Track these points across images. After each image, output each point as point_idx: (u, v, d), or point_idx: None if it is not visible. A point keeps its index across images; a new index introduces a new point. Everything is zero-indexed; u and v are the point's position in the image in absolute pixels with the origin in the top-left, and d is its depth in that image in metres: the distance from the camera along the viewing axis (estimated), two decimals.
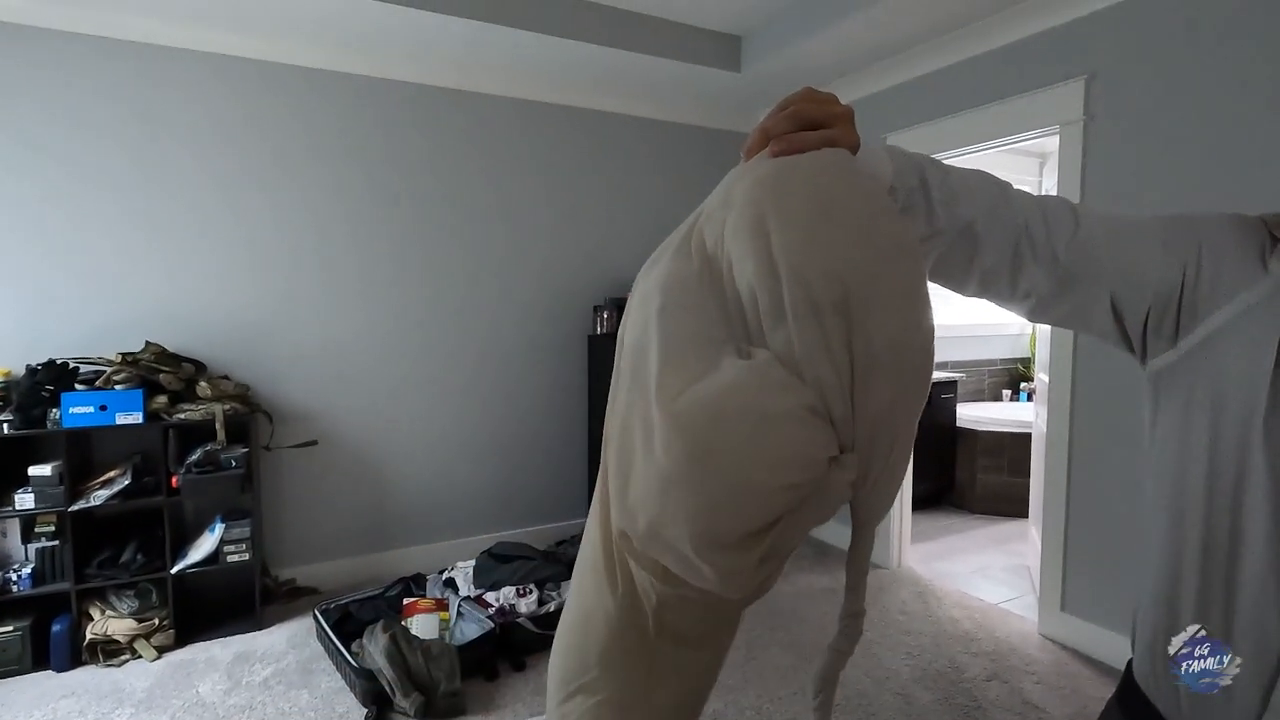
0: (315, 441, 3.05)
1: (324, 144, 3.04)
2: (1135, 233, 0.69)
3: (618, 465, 0.53)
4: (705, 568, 0.49)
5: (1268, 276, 0.61)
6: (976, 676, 2.43)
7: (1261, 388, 0.59)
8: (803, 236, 0.51)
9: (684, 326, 0.52)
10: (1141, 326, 0.67)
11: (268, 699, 2.29)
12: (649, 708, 0.60)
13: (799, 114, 0.59)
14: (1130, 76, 2.38)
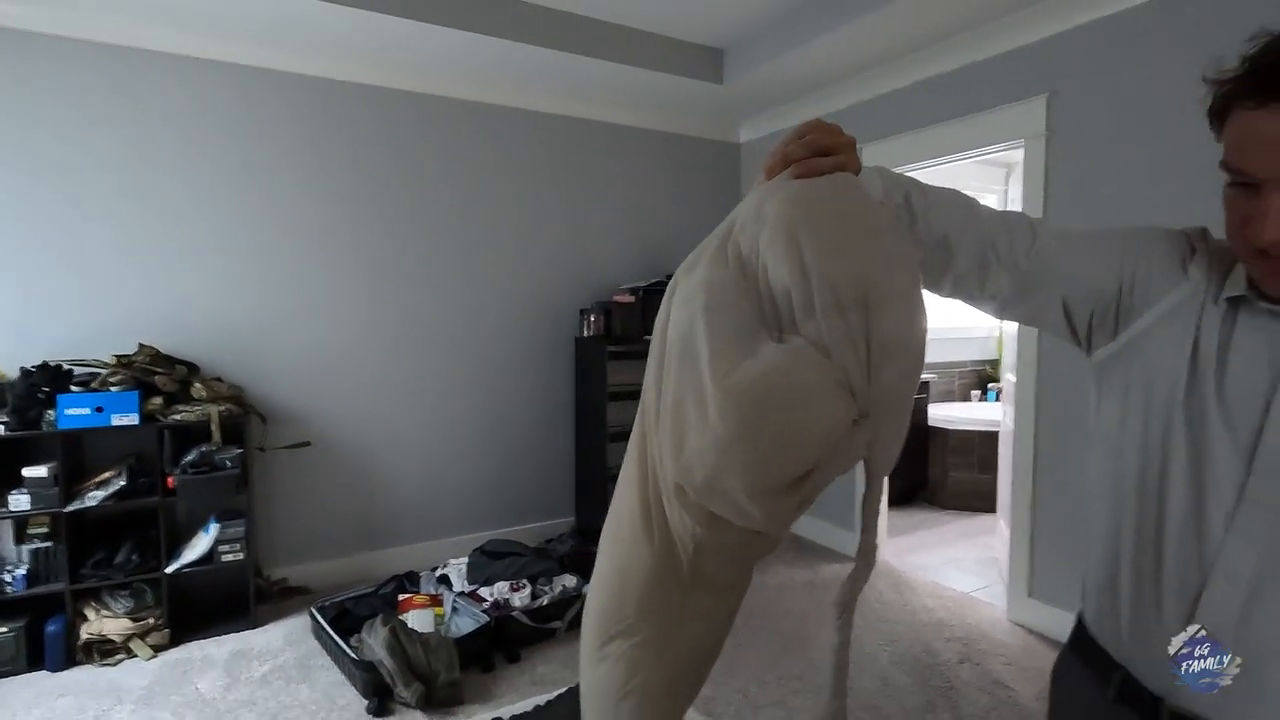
0: (308, 442, 3.10)
1: (319, 149, 3.10)
2: (1082, 244, 0.81)
3: (673, 434, 0.64)
4: (756, 511, 0.61)
5: (1188, 280, 0.74)
6: (950, 660, 2.57)
7: (1182, 374, 0.71)
8: (829, 247, 0.62)
9: (727, 320, 0.64)
10: (1087, 324, 0.80)
11: (268, 694, 2.34)
12: (680, 648, 0.71)
13: (813, 143, 0.70)
14: (1089, 94, 2.55)
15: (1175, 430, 0.71)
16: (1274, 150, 0.60)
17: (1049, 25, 2.64)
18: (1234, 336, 0.70)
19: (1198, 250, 0.75)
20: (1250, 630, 0.65)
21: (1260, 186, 0.62)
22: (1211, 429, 0.68)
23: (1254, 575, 0.65)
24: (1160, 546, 0.71)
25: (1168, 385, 0.72)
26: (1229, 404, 0.68)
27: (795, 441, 0.60)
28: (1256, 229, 0.62)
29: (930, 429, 4.63)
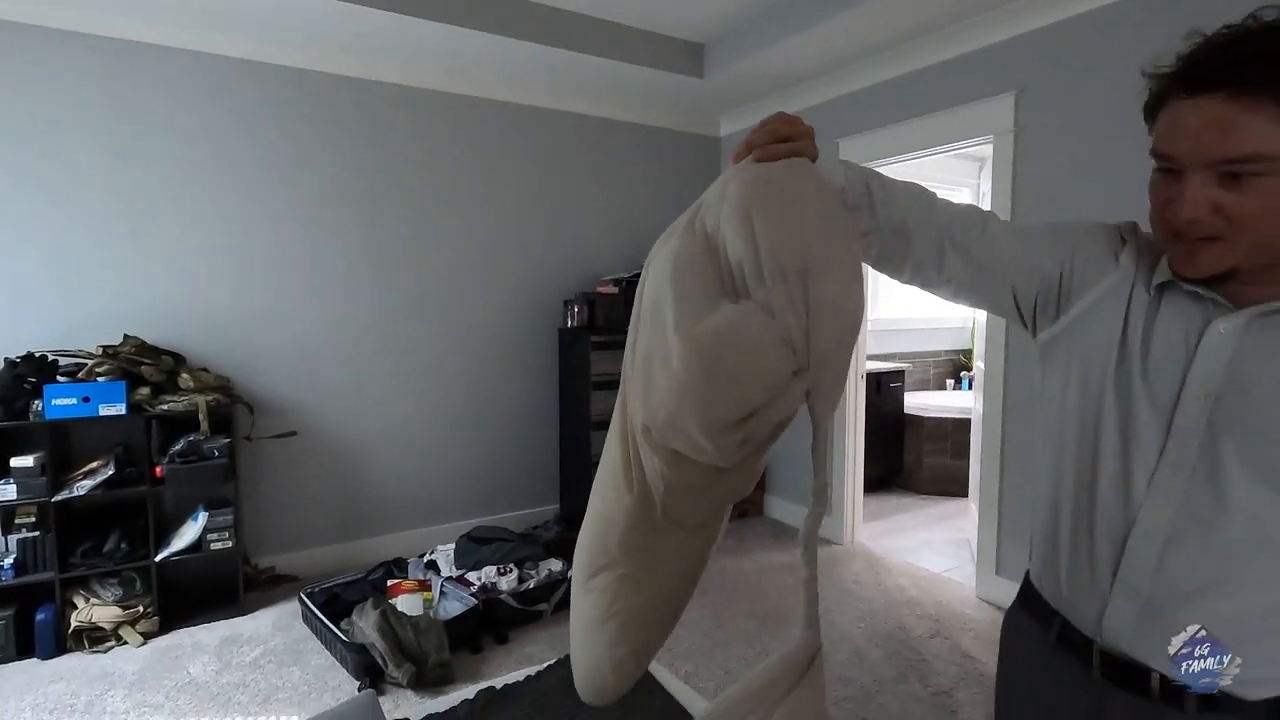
0: (295, 432, 3.13)
1: (303, 141, 3.11)
2: (1029, 236, 0.89)
3: (642, 382, 0.74)
4: (708, 445, 0.70)
5: (1118, 268, 0.82)
6: (921, 635, 2.68)
7: (1113, 352, 0.80)
8: (776, 224, 0.71)
9: (692, 284, 0.73)
10: (1032, 308, 0.88)
11: (260, 676, 2.38)
12: (656, 579, 0.81)
13: (775, 131, 0.78)
14: (1054, 92, 2.65)
15: (1106, 402, 0.79)
16: (1196, 137, 0.67)
17: (1017, 25, 2.73)
18: (1157, 318, 0.78)
19: (1128, 241, 0.84)
20: (1163, 576, 0.73)
21: (1182, 172, 0.69)
22: (1137, 400, 0.77)
23: (1169, 529, 0.73)
24: (1093, 505, 0.80)
25: (1100, 362, 0.81)
26: (1151, 378, 0.76)
27: (742, 386, 0.69)
28: (1175, 210, 0.70)
29: (906, 417, 4.75)
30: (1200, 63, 0.67)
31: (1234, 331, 0.72)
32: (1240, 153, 0.64)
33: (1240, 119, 0.64)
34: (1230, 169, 0.66)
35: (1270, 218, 0.66)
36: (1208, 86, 0.66)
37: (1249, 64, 0.64)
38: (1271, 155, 0.63)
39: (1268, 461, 0.69)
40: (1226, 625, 0.71)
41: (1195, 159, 0.68)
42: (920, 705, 2.24)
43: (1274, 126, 0.63)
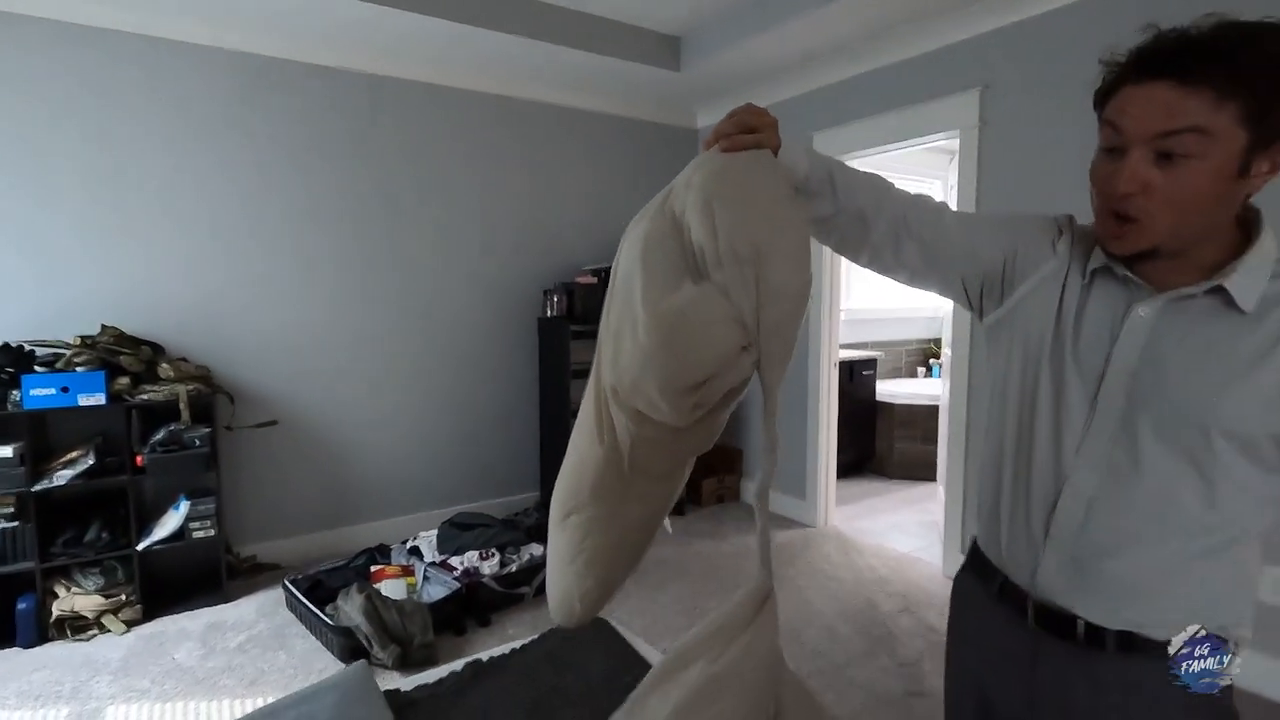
0: (275, 421, 3.14)
1: (282, 131, 3.11)
2: (977, 226, 0.97)
3: (613, 348, 0.83)
4: (665, 406, 0.79)
5: (1055, 256, 0.90)
6: (890, 611, 2.80)
7: (1049, 333, 0.88)
8: (734, 213, 0.79)
9: (660, 263, 0.81)
10: (979, 293, 0.96)
11: (245, 660, 2.42)
12: (622, 521, 0.89)
13: (741, 121, 0.85)
14: (1017, 88, 2.75)
15: (1042, 379, 0.88)
16: (1142, 115, 0.74)
17: (981, 24, 2.83)
18: (1088, 302, 0.86)
19: (1065, 232, 0.92)
20: (1086, 534, 0.82)
21: (1125, 150, 0.76)
22: (1069, 377, 0.85)
23: (1093, 492, 0.82)
24: (1029, 472, 0.88)
25: (1037, 342, 0.89)
26: (1081, 357, 0.85)
27: (696, 358, 0.77)
28: (1114, 184, 0.77)
29: (878, 404, 4.88)
30: (1153, 52, 0.74)
31: (1152, 315, 0.81)
32: (1178, 125, 0.71)
33: (1182, 100, 0.71)
34: (1167, 145, 0.72)
35: (1189, 201, 0.73)
36: (1157, 73, 0.73)
37: (1194, 55, 0.71)
38: (1206, 128, 0.70)
39: (1177, 433, 0.78)
40: (1139, 575, 0.80)
41: (1139, 133, 0.74)
42: (888, 676, 2.35)
43: (1210, 108, 0.70)
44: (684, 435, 0.84)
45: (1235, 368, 0.76)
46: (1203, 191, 0.73)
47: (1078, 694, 0.84)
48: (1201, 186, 0.73)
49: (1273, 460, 0.76)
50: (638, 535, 0.92)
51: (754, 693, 0.81)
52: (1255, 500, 0.78)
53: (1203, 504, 0.77)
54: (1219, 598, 0.80)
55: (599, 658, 1.65)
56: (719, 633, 0.83)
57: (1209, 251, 0.79)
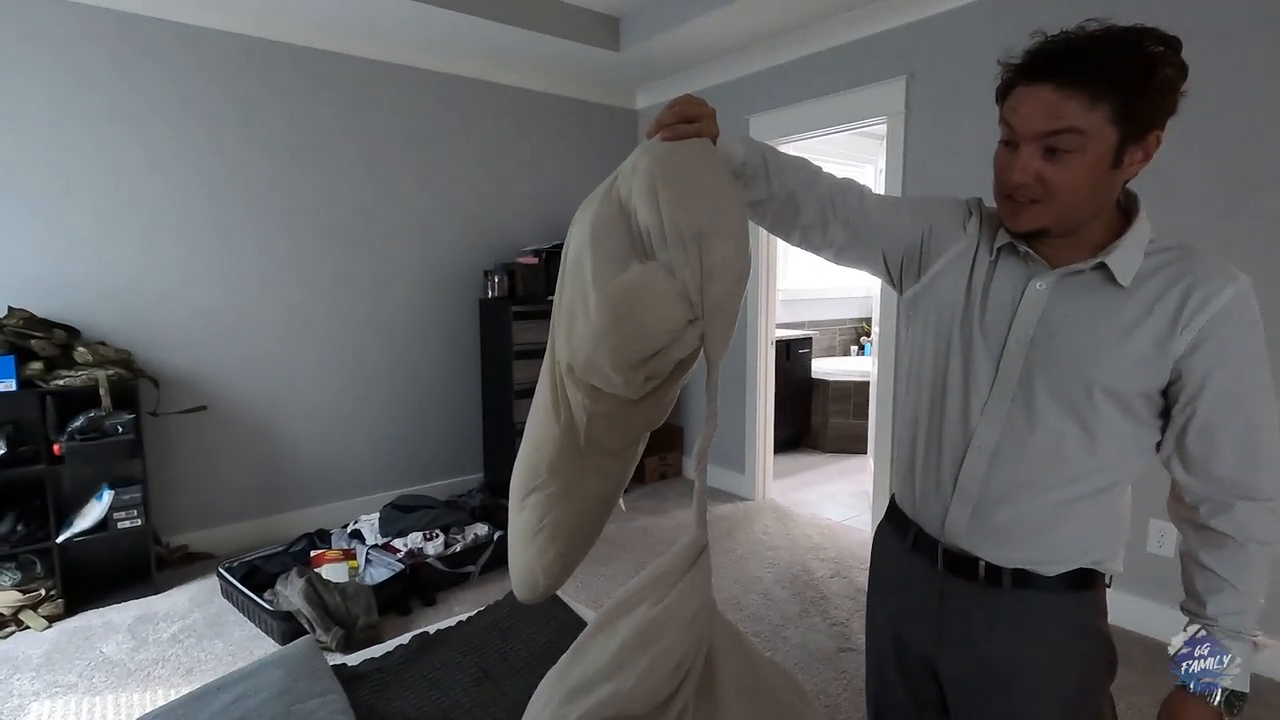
0: (204, 406, 3.03)
1: (210, 104, 2.97)
2: (897, 207, 1.05)
3: (566, 327, 0.87)
4: (618, 379, 0.84)
5: (966, 236, 0.99)
6: (823, 575, 2.95)
7: (959, 305, 0.96)
8: (677, 196, 0.84)
9: (608, 245, 0.86)
10: (899, 269, 1.04)
11: (180, 650, 2.36)
12: (581, 495, 0.94)
13: (681, 112, 0.90)
14: (941, 77, 2.88)
15: (954, 347, 0.96)
16: (1030, 115, 0.83)
17: (909, 13, 2.94)
18: (994, 277, 0.95)
19: (974, 213, 1.01)
20: (989, 484, 0.91)
21: (1018, 145, 0.85)
22: (976, 345, 0.94)
23: (995, 446, 0.91)
24: (941, 431, 0.97)
25: (949, 314, 0.97)
26: (987, 327, 0.94)
27: (647, 331, 0.82)
28: (1010, 174, 0.86)
29: (813, 381, 5.07)
30: (1038, 57, 0.83)
31: (1047, 287, 0.90)
32: (1060, 125, 0.80)
33: (1061, 102, 0.80)
34: (1051, 143, 0.82)
35: (1074, 188, 0.83)
36: (1042, 76, 0.82)
37: (1072, 62, 0.80)
38: (1082, 129, 0.79)
39: (1066, 392, 0.87)
40: (1031, 518, 0.90)
41: (1028, 132, 0.83)
42: (820, 635, 2.48)
43: (1085, 110, 0.79)
44: (637, 409, 0.89)
45: (1114, 334, 0.86)
46: (1083, 182, 0.83)
47: (977, 628, 0.94)
48: (1081, 177, 0.82)
49: (1143, 415, 0.87)
50: (596, 510, 0.97)
51: (691, 632, 0.88)
52: (1129, 450, 0.89)
53: (1085, 454, 0.87)
54: (1097, 536, 0.91)
55: (545, 627, 1.69)
56: (660, 579, 0.89)
57: (1095, 232, 0.88)
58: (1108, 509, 0.91)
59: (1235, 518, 0.86)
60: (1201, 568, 0.89)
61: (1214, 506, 0.87)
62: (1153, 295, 0.85)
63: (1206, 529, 0.89)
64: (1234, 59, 2.14)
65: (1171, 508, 0.95)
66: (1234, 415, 0.84)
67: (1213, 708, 0.87)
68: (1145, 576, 2.34)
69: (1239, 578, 0.87)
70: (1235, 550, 0.87)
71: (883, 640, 1.08)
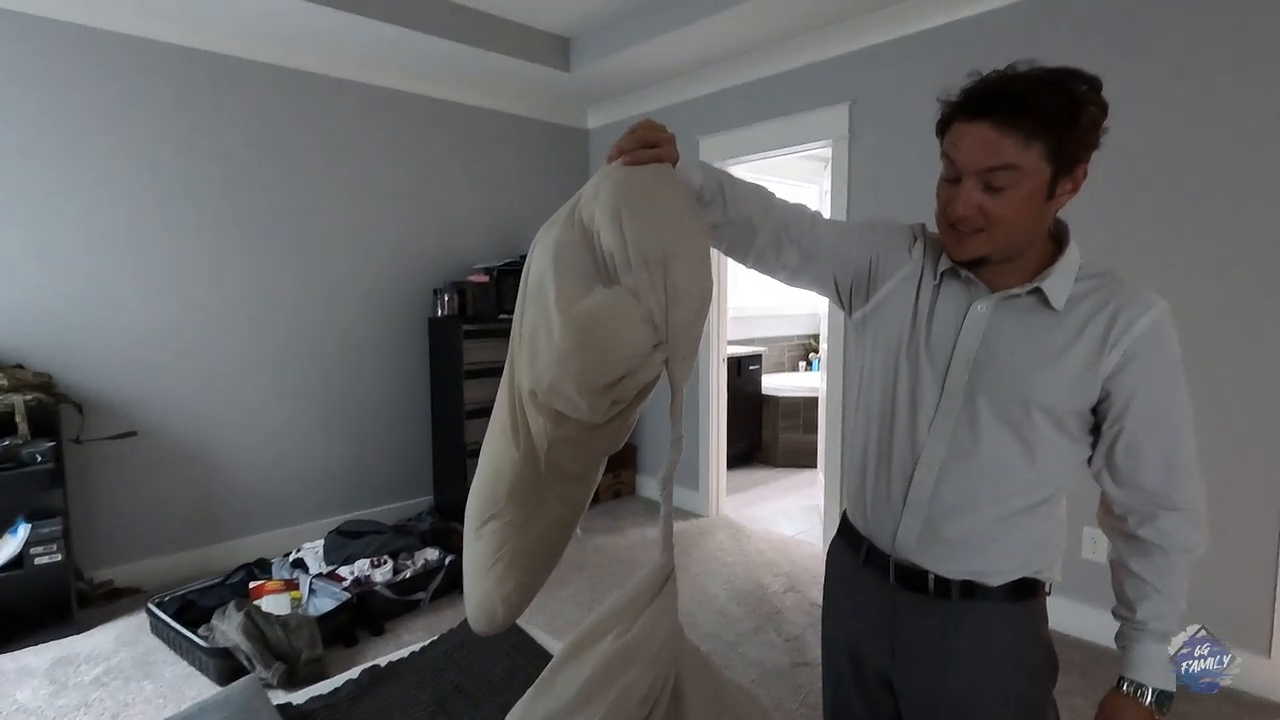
0: (134, 432, 2.88)
1: (140, 117, 2.84)
2: (846, 232, 1.08)
3: (529, 351, 0.85)
4: (583, 404, 0.82)
5: (911, 260, 1.03)
6: (777, 591, 2.98)
7: (906, 327, 1.00)
8: (640, 222, 0.84)
9: (571, 269, 0.85)
10: (849, 291, 1.07)
11: (104, 694, 2.21)
12: (541, 523, 0.92)
13: (641, 137, 0.91)
14: (881, 104, 3.00)
15: (901, 368, 1.00)
16: (970, 152, 0.87)
17: (852, 42, 3.06)
18: (939, 300, 0.99)
19: (919, 238, 1.05)
20: (937, 499, 0.94)
21: (960, 179, 0.89)
22: (922, 366, 0.97)
23: (942, 462, 0.94)
24: (891, 448, 1.00)
25: (897, 336, 1.01)
26: (932, 347, 0.97)
27: (612, 357, 0.81)
28: (954, 207, 0.90)
29: (764, 396, 5.14)
30: (975, 96, 0.87)
31: (987, 310, 0.94)
32: (998, 163, 0.85)
33: (1000, 140, 0.84)
34: (990, 179, 0.86)
35: (1013, 219, 0.88)
36: (979, 114, 0.86)
37: (1006, 101, 0.84)
38: (1019, 165, 0.84)
39: (1006, 409, 0.91)
40: (977, 530, 0.93)
41: (969, 168, 0.87)
42: (775, 651, 2.50)
43: (1021, 147, 0.84)
44: (599, 434, 0.88)
45: (1048, 355, 0.90)
46: (1020, 213, 0.87)
47: (928, 639, 0.97)
48: (1019, 210, 0.87)
49: (1076, 431, 0.92)
50: (555, 536, 0.95)
51: (659, 662, 0.87)
52: (1065, 464, 0.94)
53: (1025, 468, 0.92)
54: (1037, 547, 0.95)
55: (502, 654, 1.66)
56: (626, 608, 0.88)
57: (1031, 258, 0.93)
58: (1046, 520, 0.95)
59: (1159, 526, 0.91)
60: (1130, 574, 0.95)
61: (1140, 516, 0.93)
62: (1083, 318, 0.90)
63: (1134, 538, 0.94)
64: (1148, 93, 2.29)
65: (1101, 518, 1.00)
66: (1156, 430, 0.89)
67: (1145, 708, 0.91)
68: (1081, 582, 2.44)
69: (1164, 583, 0.92)
70: (1160, 557, 0.92)
71: (839, 655, 1.09)
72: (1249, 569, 2.18)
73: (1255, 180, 2.13)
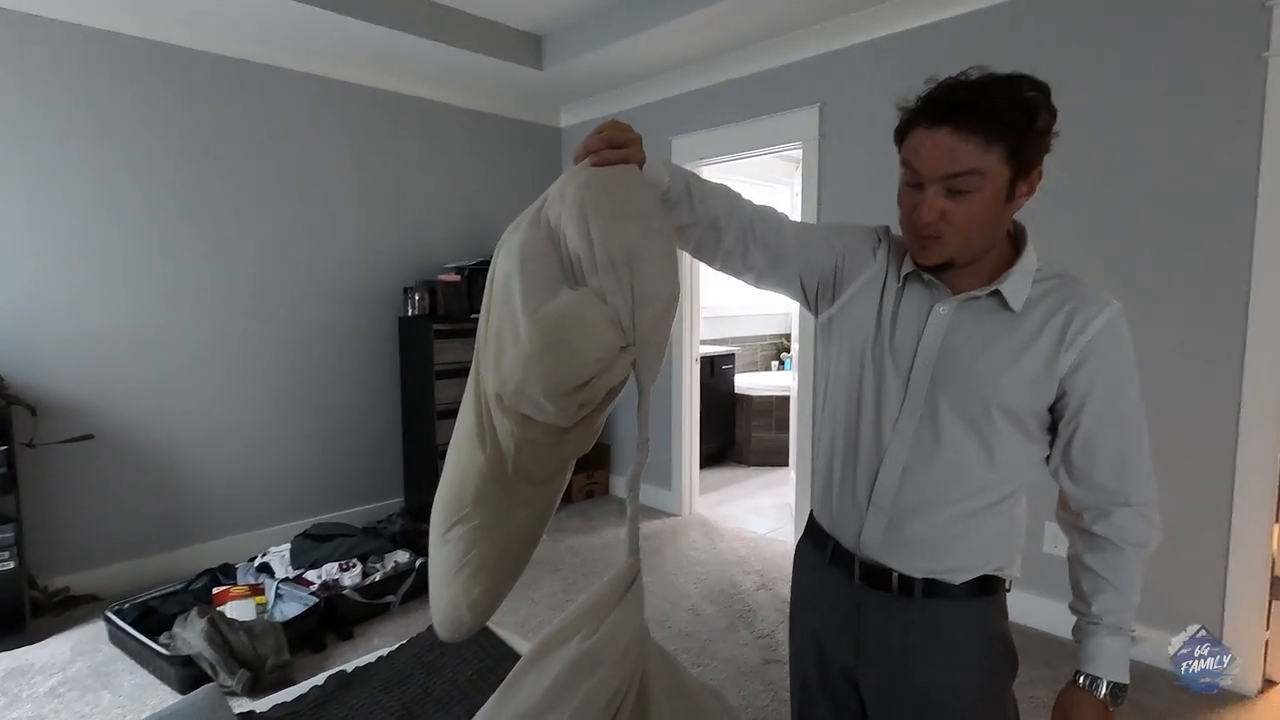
0: (91, 435, 2.79)
1: (102, 111, 2.76)
2: (812, 234, 1.09)
3: (494, 354, 0.84)
4: (550, 408, 0.82)
5: (876, 262, 1.04)
6: (749, 589, 3.00)
7: (871, 329, 1.01)
8: (607, 222, 0.83)
9: (537, 271, 0.84)
10: (815, 293, 1.08)
11: (60, 706, 2.15)
12: (508, 527, 0.91)
13: (609, 138, 0.91)
14: (852, 106, 3.04)
15: (866, 369, 1.01)
16: (933, 158, 0.88)
17: (822, 45, 3.09)
18: (902, 302, 1.00)
19: (883, 241, 1.06)
20: (901, 499, 0.96)
21: (922, 185, 0.90)
22: (887, 367, 0.99)
23: (905, 461, 0.96)
24: (856, 448, 1.01)
25: (862, 337, 1.02)
26: (896, 349, 0.99)
27: (579, 359, 0.81)
28: (918, 213, 0.91)
29: (737, 396, 5.17)
30: (935, 103, 0.88)
31: (949, 312, 0.96)
32: (959, 169, 0.86)
33: (960, 146, 0.86)
34: (953, 184, 0.87)
35: (975, 224, 0.89)
36: (940, 121, 0.87)
37: (966, 107, 0.85)
38: (981, 170, 0.85)
39: (967, 409, 0.93)
40: (939, 529, 0.95)
41: (931, 174, 0.88)
42: (748, 648, 2.52)
43: (981, 151, 0.85)
44: (567, 437, 0.87)
45: (1007, 355, 0.92)
46: (983, 217, 0.89)
47: (892, 638, 0.98)
48: (982, 213, 0.89)
49: (1034, 430, 0.94)
50: (523, 541, 0.94)
51: (626, 663, 0.87)
52: (1023, 463, 0.96)
53: (986, 467, 0.93)
54: (998, 544, 0.97)
55: (472, 657, 1.64)
56: (592, 610, 0.88)
57: (991, 261, 0.95)
58: (1006, 518, 0.97)
59: (1114, 522, 0.94)
60: (1086, 569, 0.97)
61: (1095, 513, 0.95)
62: (1041, 319, 0.92)
63: (1090, 534, 0.96)
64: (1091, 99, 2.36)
65: (1059, 514, 1.03)
66: (1111, 428, 0.92)
67: (1099, 700, 0.94)
68: (1042, 576, 2.49)
69: (1118, 578, 0.94)
70: (1114, 553, 0.95)
71: (805, 654, 1.11)
72: (1201, 558, 2.25)
73: (1184, 181, 2.20)
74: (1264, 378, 2.13)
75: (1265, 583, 2.17)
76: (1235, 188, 2.15)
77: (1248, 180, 2.12)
